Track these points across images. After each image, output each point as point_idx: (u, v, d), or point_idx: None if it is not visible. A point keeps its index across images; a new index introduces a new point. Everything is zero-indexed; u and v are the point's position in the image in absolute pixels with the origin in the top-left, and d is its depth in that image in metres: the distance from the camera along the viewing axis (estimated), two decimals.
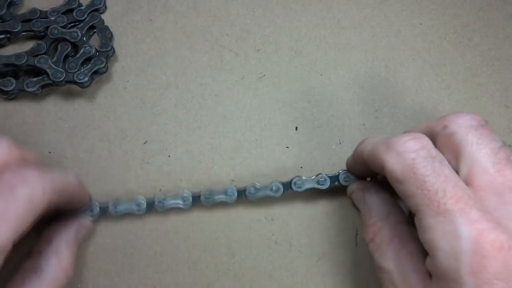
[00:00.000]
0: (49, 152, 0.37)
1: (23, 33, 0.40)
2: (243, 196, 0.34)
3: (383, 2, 0.42)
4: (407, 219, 0.29)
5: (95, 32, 0.40)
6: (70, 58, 0.38)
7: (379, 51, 0.41)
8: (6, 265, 0.23)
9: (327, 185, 0.34)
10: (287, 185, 0.34)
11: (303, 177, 0.34)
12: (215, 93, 0.39)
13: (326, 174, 0.34)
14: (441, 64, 0.40)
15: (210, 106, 0.39)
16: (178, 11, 0.42)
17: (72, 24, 0.40)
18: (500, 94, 0.39)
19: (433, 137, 0.26)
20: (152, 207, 0.34)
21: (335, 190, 0.36)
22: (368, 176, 0.34)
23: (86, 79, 0.37)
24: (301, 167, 0.37)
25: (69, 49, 0.39)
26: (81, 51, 0.38)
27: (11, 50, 0.40)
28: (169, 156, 0.37)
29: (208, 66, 0.40)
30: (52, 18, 0.40)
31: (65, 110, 0.39)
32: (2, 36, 0.40)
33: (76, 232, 0.31)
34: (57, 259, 0.28)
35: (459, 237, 0.21)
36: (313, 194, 0.37)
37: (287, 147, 0.38)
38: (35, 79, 0.37)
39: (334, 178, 0.34)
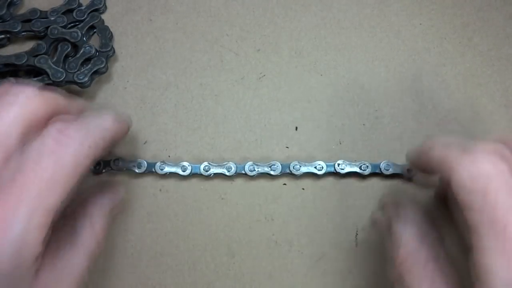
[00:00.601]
0: None
1: (23, 33, 0.40)
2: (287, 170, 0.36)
3: (383, 2, 0.42)
4: (443, 239, 0.26)
5: (95, 32, 0.40)
6: (70, 58, 0.38)
7: (379, 51, 0.41)
8: None
9: (368, 171, 0.36)
10: (331, 166, 0.36)
11: (346, 161, 0.36)
12: (215, 93, 0.39)
13: (368, 162, 0.36)
14: (441, 64, 0.40)
15: (210, 106, 0.39)
16: (178, 11, 0.42)
17: (72, 24, 0.40)
18: (500, 94, 0.39)
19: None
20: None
21: (337, 188, 0.36)
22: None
23: (86, 79, 0.37)
24: None
25: (69, 49, 0.39)
26: (81, 51, 0.38)
27: (11, 50, 0.40)
28: (169, 156, 0.37)
29: (208, 66, 0.40)
30: (52, 18, 0.40)
31: None
32: (2, 36, 0.40)
33: (111, 203, 0.30)
34: (91, 224, 0.28)
35: None
36: (314, 193, 0.37)
37: (287, 147, 0.38)
38: (35, 79, 0.37)
39: (375, 166, 0.36)
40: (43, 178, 0.22)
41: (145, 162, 0.36)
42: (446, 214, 0.26)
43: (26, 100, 0.23)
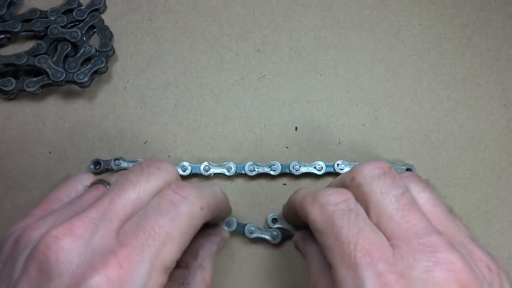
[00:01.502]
0: (49, 152, 0.37)
1: (23, 33, 0.40)
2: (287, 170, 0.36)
3: (383, 2, 0.42)
4: None
5: (95, 32, 0.40)
6: (70, 58, 0.38)
7: (378, 51, 0.41)
8: None
9: None
10: (330, 166, 0.36)
11: (346, 161, 0.36)
12: (215, 93, 0.39)
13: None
14: (440, 64, 0.40)
15: (210, 106, 0.39)
16: (178, 11, 0.42)
17: (72, 24, 0.40)
18: (500, 94, 0.40)
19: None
20: None
21: None
22: (301, 225, 0.34)
23: (86, 79, 0.37)
24: None
25: (69, 49, 0.39)
26: (81, 51, 0.38)
27: (11, 50, 0.40)
28: (169, 156, 0.37)
29: (208, 66, 0.40)
30: (52, 18, 0.40)
31: (65, 110, 0.39)
32: (2, 36, 0.40)
33: (217, 246, 0.32)
34: (202, 274, 0.29)
35: None
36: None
37: (287, 147, 0.38)
38: (35, 79, 0.37)
39: None
40: (161, 236, 0.23)
41: None
42: None
43: (167, 174, 0.27)
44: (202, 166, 0.36)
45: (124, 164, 0.36)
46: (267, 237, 0.34)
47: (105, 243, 0.22)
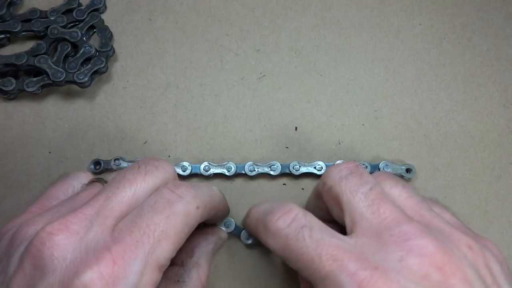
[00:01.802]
0: (49, 152, 0.37)
1: (23, 33, 0.40)
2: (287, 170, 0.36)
3: (383, 2, 0.42)
4: None
5: (95, 32, 0.40)
6: (70, 58, 0.38)
7: (378, 51, 0.41)
8: None
9: (367, 171, 0.35)
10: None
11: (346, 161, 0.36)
12: (215, 93, 0.39)
13: (367, 162, 0.36)
14: (440, 65, 0.40)
15: (210, 106, 0.39)
16: (178, 11, 0.42)
17: (72, 24, 0.40)
18: (500, 95, 0.40)
19: (321, 196, 0.28)
20: None
21: None
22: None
23: (86, 79, 0.37)
24: None
25: (69, 49, 0.39)
26: (81, 51, 0.38)
27: (11, 50, 0.40)
28: (169, 156, 0.37)
29: (208, 66, 0.40)
30: (52, 18, 0.40)
31: (65, 110, 0.39)
32: (2, 36, 0.40)
33: (214, 245, 0.32)
34: (197, 272, 0.29)
35: None
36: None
37: (287, 147, 0.38)
38: (35, 79, 0.37)
39: (375, 166, 0.36)
40: (156, 234, 0.23)
41: None
42: None
43: (164, 173, 0.27)
44: (202, 166, 0.36)
45: (124, 164, 0.36)
46: None
47: (99, 239, 0.22)
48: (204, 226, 0.33)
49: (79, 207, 0.24)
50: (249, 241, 0.34)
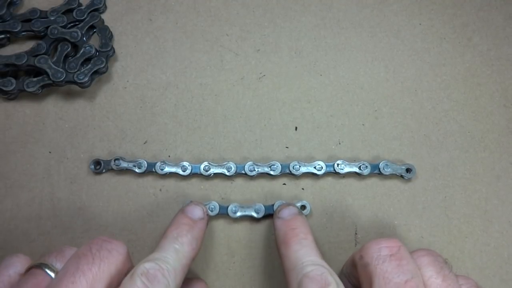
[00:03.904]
0: (49, 152, 0.37)
1: (23, 33, 0.40)
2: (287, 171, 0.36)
3: (383, 2, 0.42)
4: None
5: (95, 32, 0.40)
6: (70, 58, 0.38)
7: (378, 51, 0.41)
8: None
9: (367, 171, 0.36)
10: (330, 166, 0.36)
11: (346, 161, 0.36)
12: (215, 93, 0.39)
13: (367, 162, 0.36)
14: (440, 64, 0.40)
15: (210, 106, 0.39)
16: (178, 11, 0.42)
17: (72, 24, 0.40)
18: (500, 94, 0.40)
19: (356, 266, 0.28)
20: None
21: (337, 188, 0.36)
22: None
23: (86, 79, 0.37)
24: None
25: (69, 49, 0.39)
26: (81, 51, 0.38)
27: (11, 50, 0.40)
28: (169, 156, 0.37)
29: (208, 66, 0.40)
30: (52, 18, 0.39)
31: (65, 110, 0.39)
32: (2, 36, 0.40)
33: None
34: None
35: None
36: (313, 193, 0.37)
37: (287, 147, 0.38)
38: (35, 79, 0.37)
39: (375, 166, 0.36)
40: None
41: (145, 162, 0.36)
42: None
43: (118, 256, 0.25)
44: (202, 166, 0.36)
45: (124, 164, 0.36)
46: (251, 213, 0.35)
47: None
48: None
49: None
50: (237, 215, 0.35)
